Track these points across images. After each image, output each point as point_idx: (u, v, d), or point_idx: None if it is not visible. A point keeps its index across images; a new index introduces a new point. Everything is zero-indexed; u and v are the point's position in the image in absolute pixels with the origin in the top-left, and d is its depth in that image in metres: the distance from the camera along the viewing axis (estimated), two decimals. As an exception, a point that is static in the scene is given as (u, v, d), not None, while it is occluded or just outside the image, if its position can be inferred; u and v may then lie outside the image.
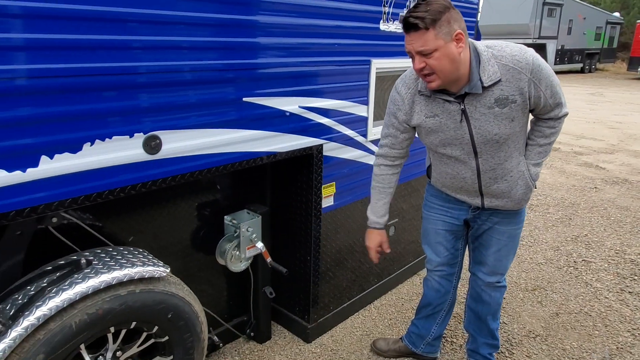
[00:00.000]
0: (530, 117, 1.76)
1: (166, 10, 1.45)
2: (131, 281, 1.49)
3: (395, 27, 2.33)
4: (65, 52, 1.26)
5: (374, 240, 2.01)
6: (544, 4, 17.57)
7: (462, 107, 1.64)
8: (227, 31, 1.63)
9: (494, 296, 2.07)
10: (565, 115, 1.74)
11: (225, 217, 2.14)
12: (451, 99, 1.65)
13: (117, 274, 1.44)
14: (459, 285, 2.23)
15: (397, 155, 1.92)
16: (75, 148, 1.33)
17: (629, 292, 3.10)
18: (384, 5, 2.24)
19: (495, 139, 1.67)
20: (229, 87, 1.69)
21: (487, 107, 1.62)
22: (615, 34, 24.01)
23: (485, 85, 1.58)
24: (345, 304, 2.64)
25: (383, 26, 2.26)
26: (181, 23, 1.49)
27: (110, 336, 1.52)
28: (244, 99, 1.75)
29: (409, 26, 1.50)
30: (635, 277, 3.29)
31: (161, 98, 1.50)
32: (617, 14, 24.26)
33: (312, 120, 2.04)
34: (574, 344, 2.54)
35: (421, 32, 1.48)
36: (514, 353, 2.45)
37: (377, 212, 2.00)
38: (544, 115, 1.72)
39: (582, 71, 22.08)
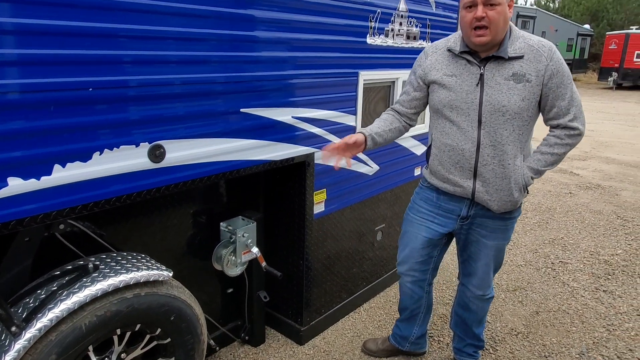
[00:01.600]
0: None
1: (173, 27, 1.53)
2: (137, 284, 1.56)
3: (381, 40, 2.46)
4: (78, 67, 1.33)
5: (350, 136, 1.84)
6: (518, 16, 18.16)
7: (482, 71, 1.73)
8: (226, 46, 1.72)
9: (481, 306, 2.15)
10: (578, 131, 1.76)
11: (221, 223, 2.21)
12: (475, 61, 1.75)
13: (124, 277, 1.51)
14: (443, 288, 2.33)
15: (404, 113, 2.00)
16: (85, 157, 1.40)
17: (604, 290, 3.26)
18: (371, 21, 2.37)
19: (502, 111, 1.72)
20: (228, 98, 1.78)
21: (504, 77, 1.71)
22: (586, 46, 24.88)
23: (510, 55, 1.69)
24: (336, 307, 2.73)
25: (370, 40, 2.39)
26: (186, 39, 1.58)
27: (115, 338, 1.58)
28: (242, 110, 1.84)
29: None
30: (609, 277, 3.47)
31: (165, 109, 1.58)
32: (587, 26, 25.16)
33: (304, 129, 2.14)
34: (553, 340, 2.68)
35: None
36: (497, 350, 2.57)
37: (369, 126, 1.96)
38: (553, 119, 1.77)
39: (555, 81, 22.74)
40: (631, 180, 6.15)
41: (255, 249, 2.21)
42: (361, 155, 2.55)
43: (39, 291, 1.46)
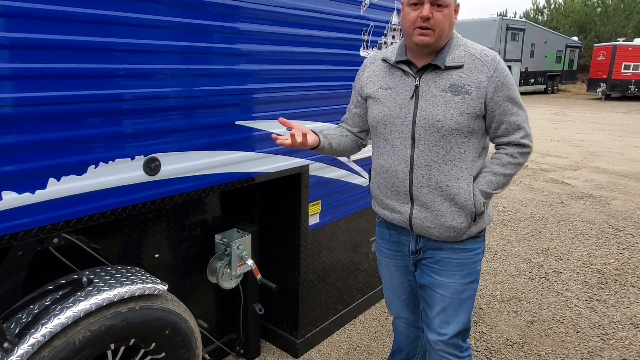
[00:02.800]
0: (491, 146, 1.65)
1: (167, 41, 1.55)
2: (131, 298, 1.54)
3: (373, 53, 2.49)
4: (73, 80, 1.34)
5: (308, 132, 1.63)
6: (508, 28, 18.45)
7: (417, 82, 1.56)
8: (220, 60, 1.73)
9: None
10: (529, 149, 1.60)
11: (216, 235, 2.21)
12: (411, 71, 1.58)
13: (119, 291, 1.50)
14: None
15: (351, 131, 1.83)
16: (81, 170, 1.40)
17: (597, 299, 3.28)
18: (364, 34, 2.40)
19: (437, 127, 1.53)
20: (223, 111, 1.79)
21: (441, 89, 1.53)
22: (575, 57, 25.30)
23: (447, 64, 1.52)
24: (331, 319, 2.72)
25: (363, 53, 2.42)
26: (180, 52, 1.59)
27: (109, 353, 1.56)
28: (237, 123, 1.85)
29: None
30: (602, 286, 3.49)
31: (160, 122, 1.59)
32: (575, 38, 25.61)
33: (299, 141, 2.15)
34: (548, 350, 2.68)
35: None
36: (493, 360, 2.57)
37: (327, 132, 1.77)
38: (503, 136, 1.58)
39: (545, 92, 23.10)
40: (622, 190, 6.22)
41: (250, 262, 2.20)
42: (355, 167, 2.56)
43: (32, 306, 1.44)
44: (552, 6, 32.95)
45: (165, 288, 1.64)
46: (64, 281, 1.54)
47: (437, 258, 1.68)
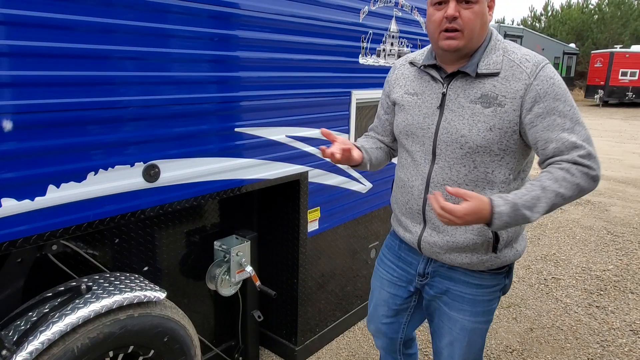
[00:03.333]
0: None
1: (168, 49, 1.55)
2: (130, 305, 1.54)
3: (372, 60, 2.50)
4: (72, 88, 1.34)
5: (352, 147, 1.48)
6: (505, 35, 18.53)
7: (445, 90, 1.38)
8: (220, 67, 1.74)
9: None
10: (594, 172, 1.26)
11: (215, 242, 2.20)
12: (439, 77, 1.41)
13: (117, 298, 1.49)
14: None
15: (383, 141, 1.68)
16: (80, 177, 1.40)
17: (596, 306, 3.28)
18: (363, 41, 2.41)
19: (460, 143, 1.35)
20: (222, 118, 1.79)
21: (470, 100, 1.34)
22: (572, 64, 25.40)
23: (480, 71, 1.32)
24: (330, 326, 2.71)
25: (362, 60, 2.43)
26: (181, 60, 1.60)
27: (108, 361, 1.56)
28: (236, 129, 1.85)
29: None
30: (601, 292, 3.49)
31: (160, 129, 1.59)
32: (572, 45, 25.73)
33: (298, 148, 2.16)
34: (548, 357, 2.67)
35: None
36: (493, 368, 2.56)
37: (366, 144, 1.65)
38: (554, 156, 1.29)
39: (543, 98, 23.17)
40: (620, 196, 6.23)
41: (249, 268, 2.20)
42: (354, 173, 2.57)
43: (30, 313, 1.43)
44: (549, 13, 33.16)
45: (164, 295, 1.64)
46: (62, 288, 1.54)
47: (446, 288, 1.50)
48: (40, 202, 1.32)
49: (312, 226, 2.39)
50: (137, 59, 1.48)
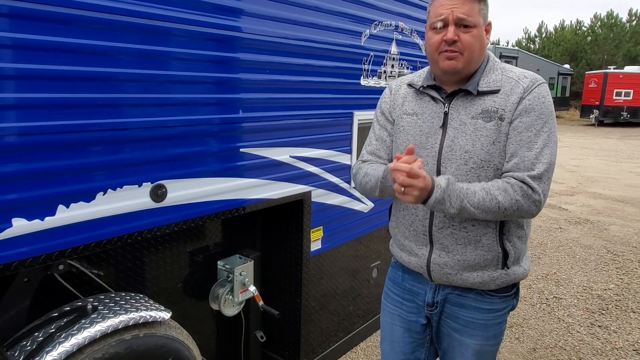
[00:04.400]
0: None
1: (173, 72, 1.59)
2: (135, 325, 1.54)
3: (374, 82, 2.55)
4: (81, 110, 1.37)
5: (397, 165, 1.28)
6: (501, 56, 18.82)
7: (446, 109, 1.41)
8: (226, 89, 1.78)
9: None
10: (538, 196, 1.28)
11: (218, 262, 2.21)
12: (440, 97, 1.43)
13: (123, 318, 1.49)
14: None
15: (385, 163, 1.57)
16: (89, 197, 1.41)
17: (599, 325, 3.27)
18: (364, 63, 2.46)
19: (464, 159, 1.36)
20: (228, 138, 1.82)
21: (471, 116, 1.36)
22: (567, 84, 25.77)
23: (481, 89, 1.37)
24: (333, 346, 2.69)
25: (363, 82, 2.48)
26: (187, 82, 1.64)
27: (112, 382, 1.55)
28: (241, 150, 1.88)
29: None
30: (603, 312, 3.48)
31: (167, 150, 1.61)
32: (567, 66, 26.15)
33: (301, 168, 2.18)
34: (552, 377, 2.66)
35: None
36: (497, 389, 2.54)
37: (378, 169, 1.50)
38: (508, 172, 1.33)
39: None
40: (618, 215, 6.25)
41: (252, 288, 2.20)
42: (356, 193, 2.59)
43: (36, 333, 1.43)
44: (544, 35, 33.75)
45: (169, 315, 1.64)
46: (68, 308, 1.54)
47: (458, 316, 1.48)
48: (49, 222, 1.33)
49: (315, 245, 2.40)
50: (145, 82, 1.52)
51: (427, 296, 1.53)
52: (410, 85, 1.53)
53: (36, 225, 1.30)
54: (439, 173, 1.41)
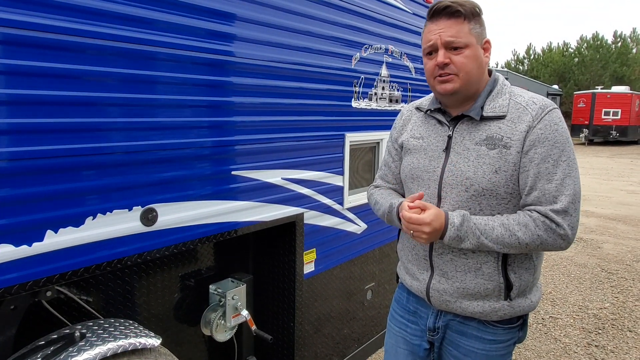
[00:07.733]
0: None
1: (162, 95, 1.60)
2: (124, 353, 1.50)
3: (365, 104, 2.58)
4: (69, 134, 1.36)
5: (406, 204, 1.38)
6: (491, 78, 19.15)
7: (450, 133, 1.40)
8: (216, 112, 1.79)
9: None
10: (562, 231, 1.24)
11: (210, 286, 2.18)
12: (445, 121, 1.43)
13: (112, 346, 1.46)
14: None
15: (394, 188, 1.64)
16: (78, 222, 1.40)
17: (595, 345, 3.24)
18: (355, 86, 2.49)
19: (465, 186, 1.33)
20: (219, 161, 1.82)
21: (475, 142, 1.34)
22: (557, 104, 26.14)
23: (485, 114, 1.34)
24: (327, 371, 2.64)
25: (355, 104, 2.50)
26: (176, 106, 1.64)
27: (100, 412, 1.50)
28: (233, 172, 1.88)
29: (443, 11, 1.30)
30: (600, 331, 3.46)
31: (158, 173, 1.61)
32: (556, 87, 26.59)
33: (293, 190, 2.18)
34: (550, 399, 2.62)
35: (456, 21, 1.30)
36: (495, 412, 2.49)
37: (390, 197, 1.56)
38: (531, 205, 1.28)
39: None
40: (611, 233, 6.28)
41: (245, 312, 2.17)
42: (349, 214, 2.58)
43: (22, 363, 1.39)
44: (532, 56, 34.44)
45: (159, 342, 1.60)
46: (55, 336, 1.50)
47: (458, 344, 1.44)
48: (37, 248, 1.31)
49: (308, 268, 2.38)
50: (134, 106, 1.52)
51: (428, 320, 1.51)
52: (418, 108, 1.56)
53: (23, 251, 1.28)
54: (440, 197, 1.40)
